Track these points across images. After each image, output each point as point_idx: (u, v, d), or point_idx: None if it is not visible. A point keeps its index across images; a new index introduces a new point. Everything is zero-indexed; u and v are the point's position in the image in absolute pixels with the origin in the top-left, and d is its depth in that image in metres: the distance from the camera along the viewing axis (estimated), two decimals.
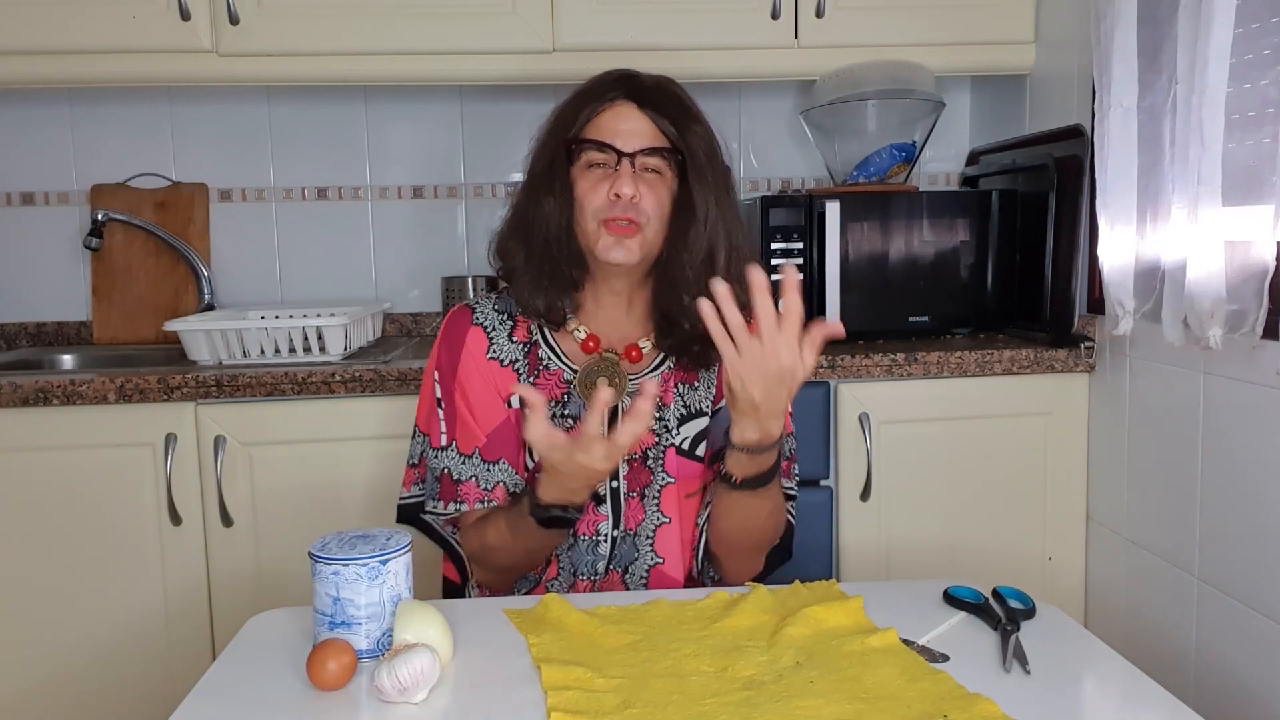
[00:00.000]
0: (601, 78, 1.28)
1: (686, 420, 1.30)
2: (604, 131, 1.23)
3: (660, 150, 1.23)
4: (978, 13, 1.99)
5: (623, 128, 1.22)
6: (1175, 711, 0.88)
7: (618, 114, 1.23)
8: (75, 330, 2.23)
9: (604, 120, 1.23)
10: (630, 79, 1.26)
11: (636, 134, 1.22)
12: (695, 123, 1.25)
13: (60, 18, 1.85)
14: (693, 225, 1.24)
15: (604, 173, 1.23)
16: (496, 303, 1.33)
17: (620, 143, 1.22)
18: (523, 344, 1.30)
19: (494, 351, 1.29)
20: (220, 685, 0.95)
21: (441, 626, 0.96)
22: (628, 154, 1.21)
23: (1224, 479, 1.47)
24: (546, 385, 1.28)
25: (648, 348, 1.31)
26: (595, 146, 1.22)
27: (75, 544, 1.69)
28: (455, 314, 1.32)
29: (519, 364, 1.29)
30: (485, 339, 1.29)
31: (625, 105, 1.23)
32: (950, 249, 1.93)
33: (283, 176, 2.26)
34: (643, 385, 1.06)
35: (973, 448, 1.81)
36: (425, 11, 1.90)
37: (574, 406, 1.28)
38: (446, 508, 1.27)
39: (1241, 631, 1.44)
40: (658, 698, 0.89)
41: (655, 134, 1.23)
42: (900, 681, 0.91)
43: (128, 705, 1.71)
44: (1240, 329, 1.33)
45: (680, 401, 1.31)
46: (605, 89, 1.25)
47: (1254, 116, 1.34)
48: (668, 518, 1.29)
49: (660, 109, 1.23)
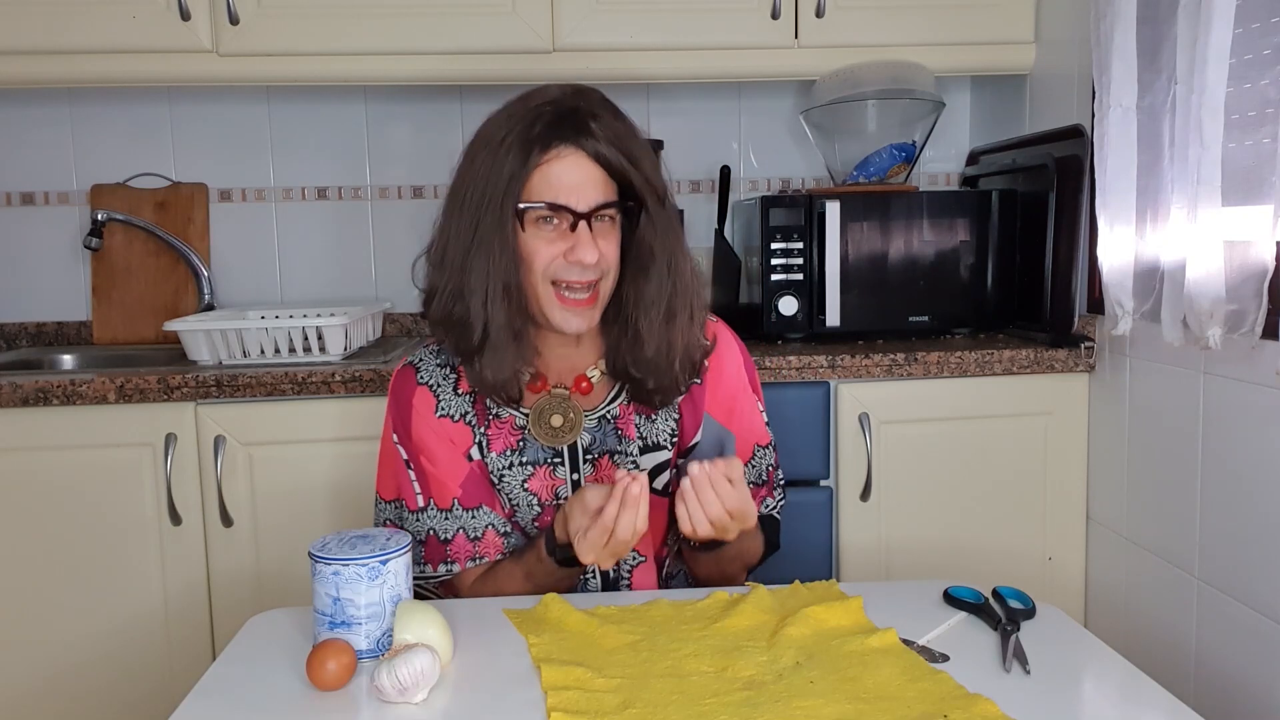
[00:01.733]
0: (539, 110, 1.14)
1: (646, 452, 1.26)
2: (554, 188, 1.12)
3: (615, 203, 1.15)
4: (978, 13, 1.99)
5: (573, 180, 1.13)
6: (1175, 711, 0.88)
7: (566, 165, 1.12)
8: (75, 330, 2.23)
9: (552, 173, 1.12)
10: (571, 117, 1.13)
11: (589, 184, 1.13)
12: (643, 156, 1.16)
13: (60, 18, 1.85)
14: (651, 272, 1.18)
15: (555, 230, 1.14)
16: (438, 355, 1.27)
17: (574, 201, 1.12)
18: (469, 394, 1.24)
19: (442, 408, 1.23)
20: (220, 685, 0.95)
21: (441, 626, 0.96)
22: (583, 214, 1.13)
23: (1224, 479, 1.47)
24: (500, 435, 1.23)
25: (596, 376, 1.26)
26: (550, 207, 1.13)
27: (75, 544, 1.69)
28: (399, 375, 1.27)
29: (469, 416, 1.23)
30: (432, 397, 1.23)
31: (573, 154, 1.13)
32: (950, 249, 1.93)
33: (283, 176, 2.26)
34: (634, 476, 1.04)
35: (973, 448, 1.81)
36: (425, 11, 1.90)
37: (530, 453, 1.23)
38: (437, 569, 1.23)
39: (1241, 631, 1.44)
40: (658, 698, 0.89)
41: (606, 181, 1.15)
42: (900, 681, 0.91)
43: (128, 705, 1.71)
44: (1240, 329, 1.33)
45: (639, 433, 1.26)
46: (549, 135, 1.12)
47: (1254, 116, 1.34)
48: (643, 557, 1.25)
49: (609, 153, 1.13)
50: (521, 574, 1.20)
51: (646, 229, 1.18)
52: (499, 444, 1.23)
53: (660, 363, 1.20)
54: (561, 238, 1.14)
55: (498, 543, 1.23)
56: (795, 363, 1.74)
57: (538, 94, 1.18)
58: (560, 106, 1.14)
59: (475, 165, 1.16)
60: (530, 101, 1.17)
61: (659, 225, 1.18)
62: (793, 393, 1.74)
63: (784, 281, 1.88)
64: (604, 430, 1.25)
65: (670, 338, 1.19)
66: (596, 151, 1.13)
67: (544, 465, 1.23)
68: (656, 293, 1.18)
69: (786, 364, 1.74)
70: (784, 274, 1.88)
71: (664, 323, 1.19)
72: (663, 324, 1.19)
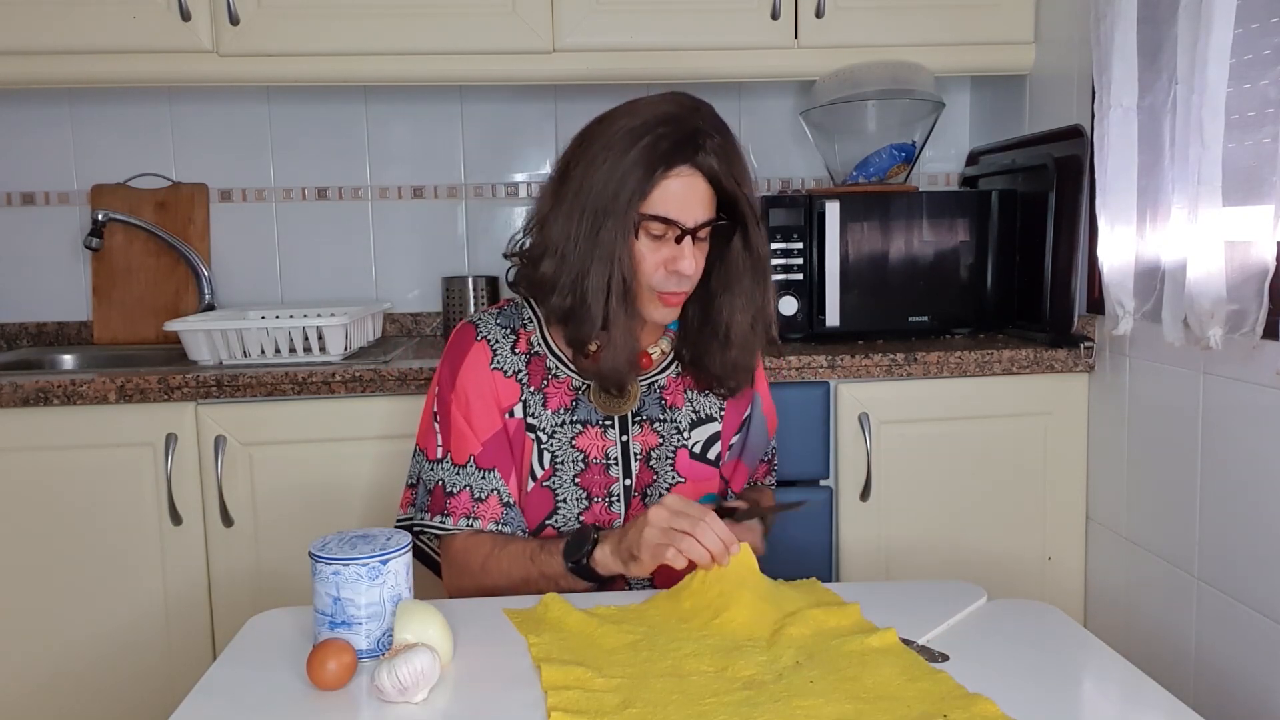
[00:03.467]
0: (662, 126, 1.20)
1: (697, 425, 1.35)
2: (671, 205, 1.21)
3: (716, 221, 1.24)
4: (978, 13, 1.99)
5: (687, 198, 1.21)
6: (1175, 711, 0.88)
7: (684, 184, 1.21)
8: (76, 330, 2.23)
9: (670, 189, 1.20)
10: (693, 137, 1.20)
11: (698, 202, 1.22)
12: (746, 175, 1.25)
13: (60, 18, 1.85)
14: (746, 284, 1.28)
15: (660, 241, 1.23)
16: (499, 317, 1.34)
17: (684, 216, 1.21)
18: (525, 354, 1.31)
19: (497, 363, 1.30)
20: (220, 685, 0.95)
21: (441, 626, 0.96)
22: (690, 229, 1.22)
23: (1224, 479, 1.47)
24: (556, 393, 1.30)
25: (656, 354, 1.35)
26: (663, 221, 1.21)
27: (75, 544, 1.69)
28: (460, 330, 1.34)
29: (521, 374, 1.30)
30: (489, 351, 1.31)
31: (693, 176, 1.21)
32: (950, 249, 1.93)
33: (283, 176, 2.26)
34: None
35: (973, 448, 1.81)
36: (425, 11, 1.90)
37: (582, 413, 1.30)
38: (431, 520, 1.29)
39: (1241, 631, 1.44)
40: (658, 697, 0.89)
41: (712, 198, 1.23)
42: (900, 681, 0.91)
43: (128, 705, 1.71)
44: (1240, 329, 1.33)
45: (690, 406, 1.35)
46: (673, 154, 1.19)
47: (1254, 116, 1.34)
48: None
49: (723, 174, 1.22)
50: (529, 556, 1.23)
51: (745, 244, 1.27)
52: (554, 402, 1.30)
53: (743, 363, 1.32)
54: (665, 246, 1.23)
55: (498, 511, 1.27)
56: (795, 363, 1.74)
57: (655, 104, 1.24)
58: (683, 126, 1.21)
59: (597, 169, 1.21)
60: (650, 112, 1.22)
61: (753, 243, 1.27)
62: (793, 393, 1.74)
63: (784, 282, 1.88)
64: (651, 396, 1.34)
65: (753, 343, 1.32)
66: (712, 172, 1.21)
67: (595, 426, 1.31)
68: (746, 304, 1.29)
69: (786, 364, 1.74)
70: (784, 274, 1.88)
71: (749, 330, 1.30)
72: (748, 330, 1.30)
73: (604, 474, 1.30)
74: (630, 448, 1.31)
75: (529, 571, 1.22)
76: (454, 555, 1.28)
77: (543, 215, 1.26)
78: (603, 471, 1.30)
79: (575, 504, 1.29)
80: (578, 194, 1.21)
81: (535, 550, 1.23)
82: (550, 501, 1.29)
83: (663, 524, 1.10)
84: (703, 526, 1.08)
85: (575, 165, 1.23)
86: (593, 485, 1.30)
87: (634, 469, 1.31)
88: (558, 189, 1.25)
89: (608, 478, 1.30)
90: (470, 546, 1.27)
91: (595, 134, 1.24)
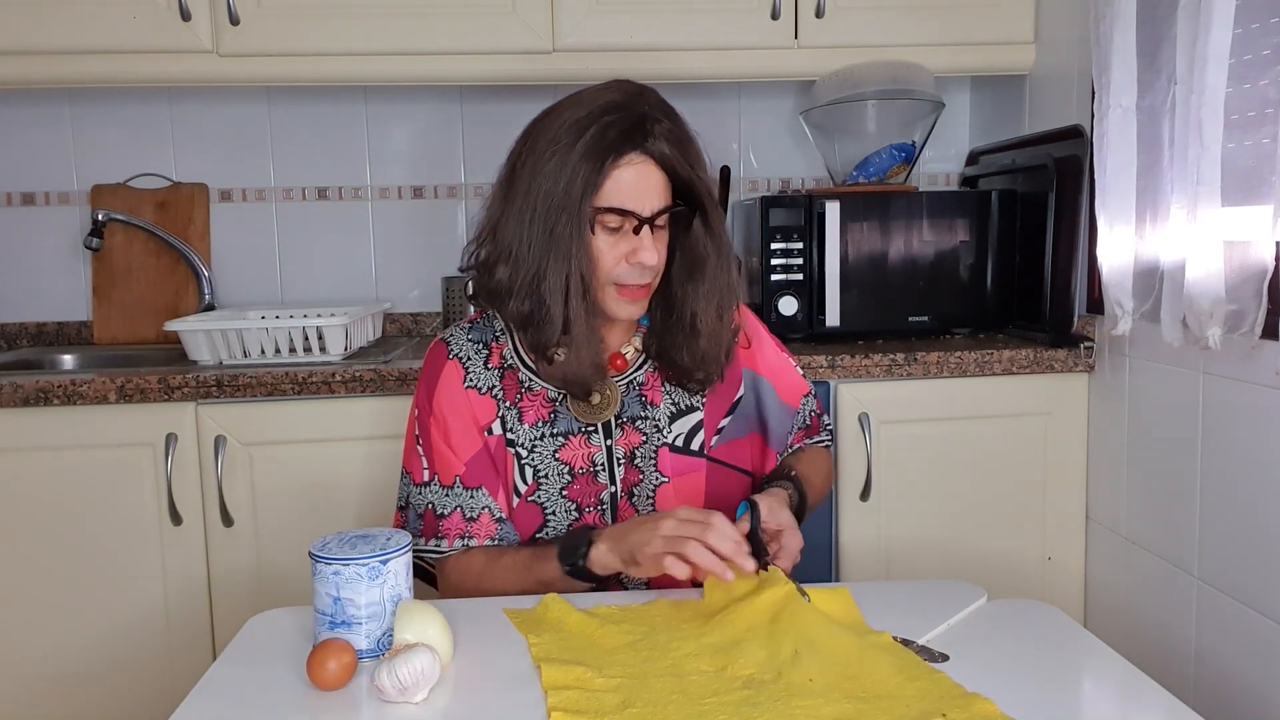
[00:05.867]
0: (607, 116, 1.17)
1: (678, 417, 1.31)
2: (625, 195, 1.17)
3: (673, 208, 1.21)
4: (978, 13, 1.99)
5: (641, 186, 1.18)
6: (1175, 711, 0.88)
7: (635, 172, 1.17)
8: (76, 330, 2.23)
9: (623, 179, 1.17)
10: (640, 124, 1.17)
11: (653, 190, 1.19)
12: (699, 158, 1.22)
13: (60, 18, 1.85)
14: (707, 271, 1.24)
15: (618, 234, 1.19)
16: (470, 332, 1.31)
17: (641, 206, 1.18)
18: (498, 369, 1.28)
19: (471, 380, 1.27)
20: (220, 685, 0.95)
21: (441, 626, 0.96)
22: (647, 219, 1.18)
23: (1223, 478, 1.47)
24: (531, 407, 1.27)
25: (630, 353, 1.31)
26: (618, 213, 1.18)
27: (75, 544, 1.69)
28: (432, 349, 1.31)
29: (496, 390, 1.27)
30: (462, 369, 1.27)
31: (645, 163, 1.18)
32: (950, 249, 1.93)
33: (283, 176, 2.26)
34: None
35: (973, 448, 1.81)
36: (425, 11, 1.90)
37: (563, 424, 1.27)
38: (426, 544, 1.26)
39: (1241, 631, 1.44)
40: (658, 697, 0.89)
41: (666, 184, 1.20)
42: (899, 680, 0.91)
43: (128, 705, 1.71)
44: (1239, 329, 1.33)
45: (669, 399, 1.31)
46: (621, 142, 1.16)
47: (1253, 116, 1.34)
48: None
49: (675, 161, 1.19)
50: (523, 563, 1.22)
51: (703, 230, 1.24)
52: (531, 416, 1.27)
53: (711, 354, 1.28)
54: (623, 239, 1.20)
55: (491, 528, 1.26)
56: (795, 363, 1.74)
57: (598, 94, 1.20)
58: (629, 112, 1.18)
59: (545, 165, 1.17)
60: (594, 102, 1.19)
61: (713, 226, 1.24)
62: None
63: (784, 282, 1.88)
64: (630, 396, 1.30)
65: (721, 332, 1.27)
66: (663, 158, 1.18)
67: (578, 435, 1.28)
68: (710, 291, 1.25)
69: None
70: (784, 274, 1.88)
71: (716, 318, 1.26)
72: (715, 319, 1.26)
73: (592, 482, 1.27)
74: (614, 452, 1.28)
75: (525, 582, 1.20)
76: (448, 575, 1.27)
77: (494, 220, 1.22)
78: (591, 480, 1.27)
79: (565, 515, 1.27)
80: (527, 194, 1.18)
81: (529, 559, 1.21)
82: (539, 516, 1.27)
83: (668, 532, 1.08)
84: (712, 530, 1.06)
85: (523, 164, 1.20)
86: (582, 496, 1.27)
87: (619, 473, 1.28)
88: (507, 191, 1.21)
89: (597, 485, 1.27)
90: (463, 566, 1.26)
91: (540, 130, 1.20)
